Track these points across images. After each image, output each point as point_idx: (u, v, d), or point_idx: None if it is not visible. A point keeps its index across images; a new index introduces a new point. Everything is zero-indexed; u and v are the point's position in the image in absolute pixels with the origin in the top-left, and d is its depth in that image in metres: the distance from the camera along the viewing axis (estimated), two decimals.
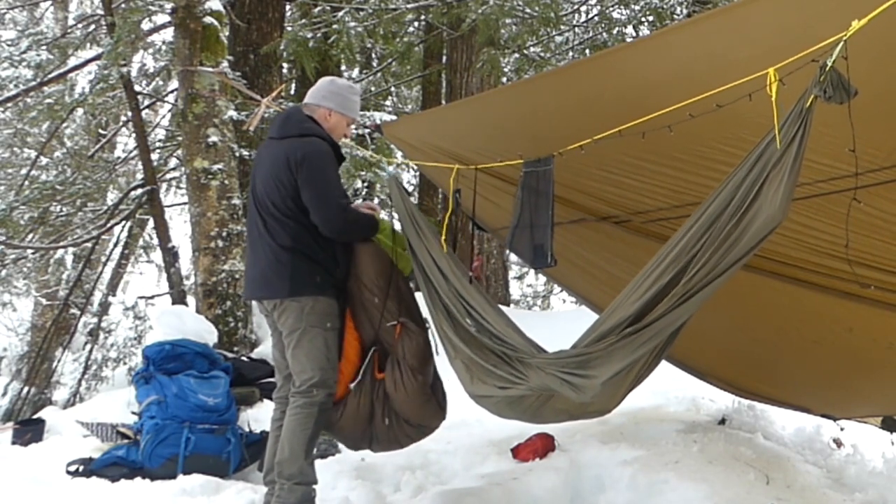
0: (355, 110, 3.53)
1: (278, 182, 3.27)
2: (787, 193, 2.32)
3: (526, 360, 2.99)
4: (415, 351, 3.34)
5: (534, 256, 3.51)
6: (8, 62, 8.28)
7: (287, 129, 3.38)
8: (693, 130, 2.75)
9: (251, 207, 3.42)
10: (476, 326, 3.18)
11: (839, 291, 3.66)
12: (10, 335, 13.07)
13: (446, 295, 3.28)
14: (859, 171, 2.56)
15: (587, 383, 2.78)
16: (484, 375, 3.12)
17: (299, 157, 3.24)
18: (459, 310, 3.22)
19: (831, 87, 2.15)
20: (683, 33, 2.96)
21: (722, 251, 2.47)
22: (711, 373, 5.12)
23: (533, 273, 15.06)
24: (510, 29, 8.92)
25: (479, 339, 3.17)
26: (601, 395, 2.85)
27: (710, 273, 2.50)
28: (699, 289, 2.53)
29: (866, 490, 4.16)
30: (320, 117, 3.42)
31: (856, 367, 4.21)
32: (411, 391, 3.31)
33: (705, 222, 2.51)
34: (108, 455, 4.18)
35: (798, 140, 2.28)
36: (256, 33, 7.99)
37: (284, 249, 3.26)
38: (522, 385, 3.00)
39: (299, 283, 3.25)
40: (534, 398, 3.13)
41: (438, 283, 3.32)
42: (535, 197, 3.42)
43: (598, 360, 2.75)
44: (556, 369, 2.86)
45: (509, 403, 3.20)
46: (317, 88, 3.51)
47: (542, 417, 3.33)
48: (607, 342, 2.72)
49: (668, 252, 2.61)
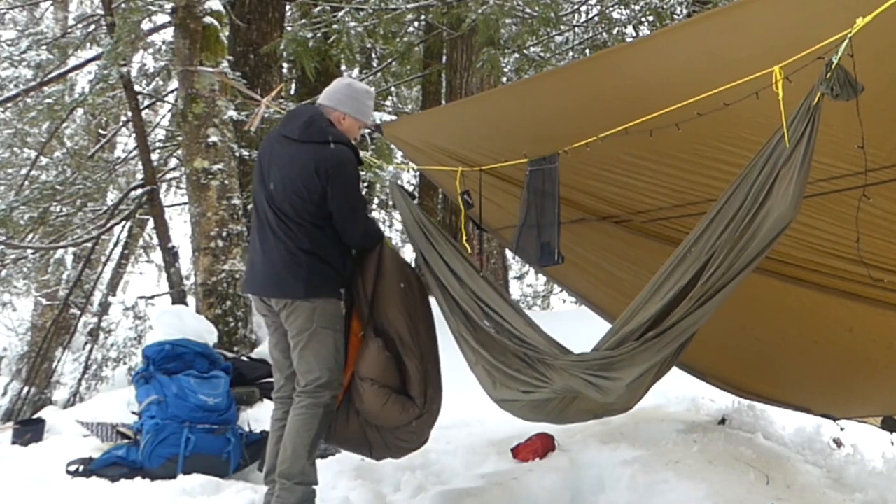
0: (369, 115, 3.57)
1: (303, 187, 3.24)
2: (798, 191, 2.33)
3: (549, 361, 2.99)
4: (366, 360, 3.34)
5: (541, 254, 3.51)
6: (8, 62, 8.28)
7: (311, 134, 3.32)
8: (693, 130, 2.76)
9: (262, 203, 3.37)
10: (495, 327, 3.16)
11: (840, 291, 3.66)
12: (10, 335, 13.07)
13: (462, 298, 3.26)
14: (860, 171, 2.56)
15: (612, 385, 2.81)
16: (507, 380, 3.11)
17: (331, 168, 3.24)
18: (476, 311, 3.21)
19: (838, 85, 2.16)
20: (683, 33, 2.96)
21: (737, 251, 2.49)
22: (711, 373, 5.12)
23: (533, 273, 15.07)
24: (510, 29, 8.91)
25: (499, 340, 3.15)
26: (624, 396, 2.90)
27: (727, 273, 2.52)
28: (718, 290, 2.56)
29: (866, 490, 4.15)
30: (335, 119, 3.43)
31: (856, 367, 4.21)
32: (367, 399, 3.33)
33: (720, 223, 2.53)
34: (108, 455, 4.18)
35: (807, 138, 2.30)
36: (256, 33, 7.99)
37: (303, 251, 3.25)
38: (546, 388, 3.01)
39: (315, 285, 3.26)
40: (558, 401, 3.15)
41: (452, 286, 3.30)
42: (542, 196, 3.43)
43: (621, 363, 2.77)
44: (579, 371, 2.87)
45: (534, 407, 3.21)
46: (334, 90, 3.49)
47: (567, 418, 3.37)
48: (629, 346, 2.74)
49: (685, 254, 2.64)
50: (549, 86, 3.49)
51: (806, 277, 3.75)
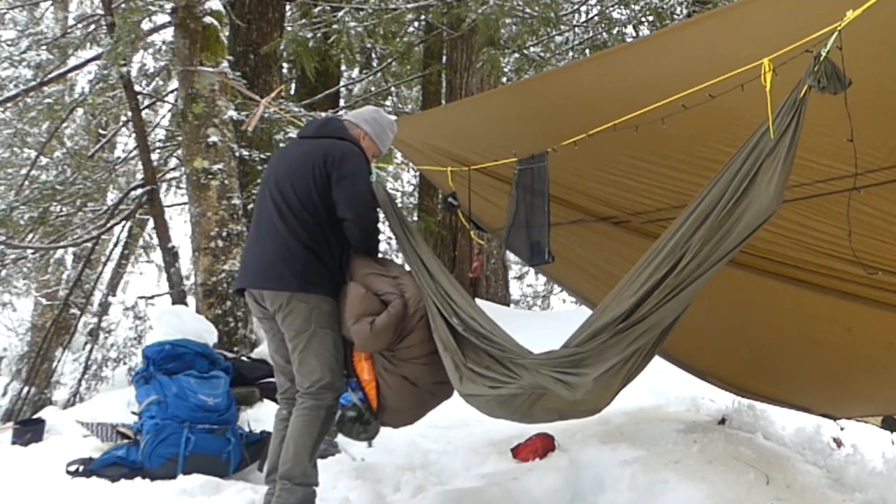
0: (386, 145, 3.66)
1: (309, 177, 3.27)
2: (780, 184, 2.31)
3: (517, 360, 2.97)
4: (348, 304, 3.27)
5: (531, 253, 3.51)
6: (8, 62, 8.27)
7: (326, 131, 3.47)
8: (692, 131, 2.76)
9: (266, 201, 3.37)
10: (462, 325, 3.15)
11: (839, 291, 3.66)
12: (10, 335, 13.07)
13: (434, 294, 3.26)
14: (858, 172, 2.56)
15: (580, 381, 2.76)
16: (474, 375, 3.08)
17: (338, 154, 3.29)
18: (447, 309, 3.20)
19: (825, 77, 2.15)
20: (683, 33, 2.97)
21: (713, 242, 2.45)
22: (711, 373, 5.13)
23: (533, 273, 15.08)
24: (510, 29, 8.91)
25: (467, 338, 3.13)
26: (593, 392, 2.83)
27: (702, 265, 2.49)
28: (690, 282, 2.52)
29: (866, 490, 4.16)
30: (355, 136, 3.51)
31: (856, 367, 4.21)
32: (360, 334, 3.21)
33: (700, 216, 2.50)
34: (108, 455, 4.17)
35: (792, 130, 2.28)
36: (256, 33, 7.99)
37: (300, 244, 3.24)
38: (514, 384, 2.97)
39: (309, 280, 3.23)
40: (524, 397, 3.09)
41: (427, 282, 3.30)
42: (531, 195, 3.42)
43: (591, 359, 2.73)
44: (547, 369, 2.83)
45: (500, 403, 3.16)
46: (361, 111, 3.67)
47: (533, 417, 3.29)
48: (599, 340, 2.70)
49: (662, 247, 2.59)
50: (549, 86, 3.49)
51: (805, 278, 3.75)
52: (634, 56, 3.04)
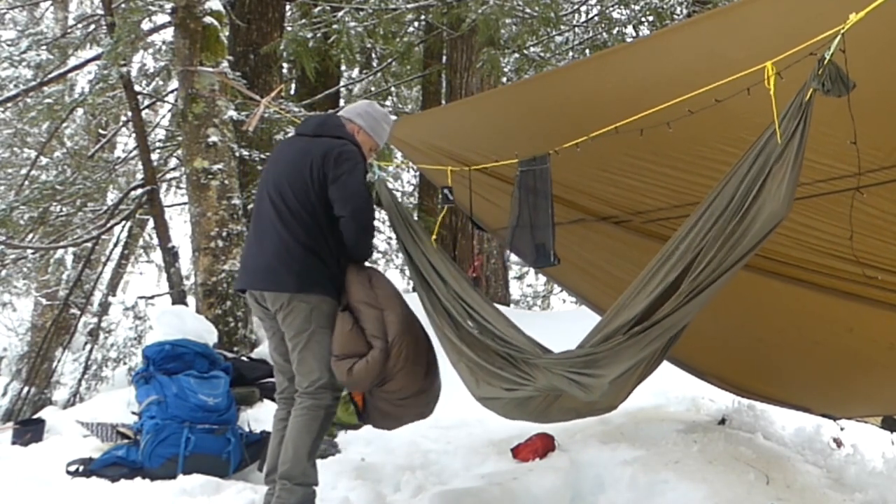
0: (382, 137, 3.62)
1: (307, 177, 3.26)
2: (790, 188, 2.31)
3: (532, 360, 2.98)
4: (336, 338, 3.27)
5: (536, 256, 3.50)
6: (8, 62, 8.27)
7: (324, 130, 3.46)
8: (693, 131, 2.76)
9: (264, 200, 3.37)
10: (478, 328, 3.16)
11: (840, 291, 3.66)
12: (10, 335, 13.07)
13: (445, 298, 3.26)
14: (860, 172, 2.56)
15: (595, 382, 2.78)
16: (490, 378, 3.10)
17: (336, 153, 3.28)
18: (460, 312, 3.20)
19: (829, 81, 2.15)
20: (683, 33, 2.96)
21: (727, 247, 2.46)
22: (711, 373, 5.12)
23: (533, 273, 15.08)
24: (510, 29, 8.92)
25: (482, 340, 3.14)
26: (609, 393, 2.85)
27: (717, 270, 2.50)
28: (706, 286, 2.53)
29: (866, 490, 4.16)
30: (350, 131, 3.49)
31: (856, 367, 4.21)
32: (338, 373, 3.22)
33: (709, 219, 2.51)
34: (108, 455, 4.17)
35: (799, 134, 2.28)
36: (256, 33, 7.99)
37: (299, 244, 3.23)
38: (529, 386, 2.99)
39: (307, 279, 3.23)
40: (541, 399, 3.11)
41: (437, 285, 3.30)
42: (534, 196, 3.41)
43: (605, 360, 2.75)
44: (563, 369, 2.85)
45: (517, 405, 3.18)
46: (355, 105, 3.66)
47: (550, 417, 3.32)
48: (615, 342, 2.72)
49: (673, 250, 2.61)
50: (549, 86, 3.49)
51: (806, 278, 3.75)
52: (634, 56, 3.04)
